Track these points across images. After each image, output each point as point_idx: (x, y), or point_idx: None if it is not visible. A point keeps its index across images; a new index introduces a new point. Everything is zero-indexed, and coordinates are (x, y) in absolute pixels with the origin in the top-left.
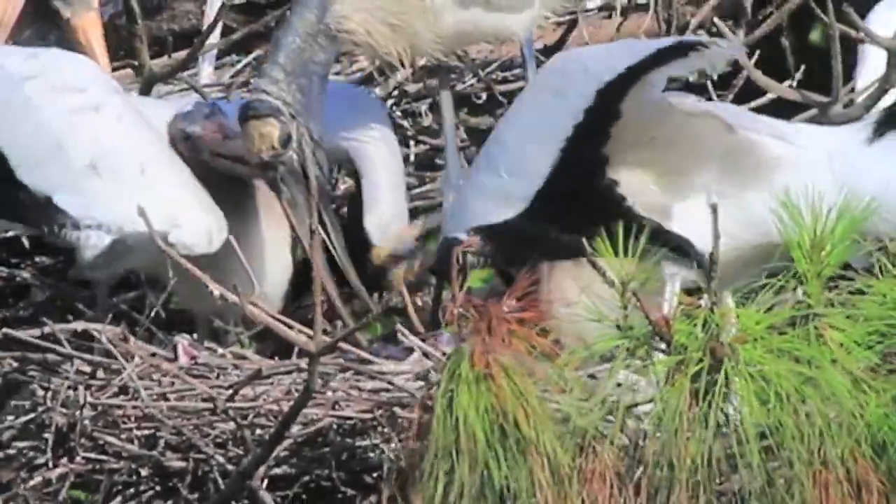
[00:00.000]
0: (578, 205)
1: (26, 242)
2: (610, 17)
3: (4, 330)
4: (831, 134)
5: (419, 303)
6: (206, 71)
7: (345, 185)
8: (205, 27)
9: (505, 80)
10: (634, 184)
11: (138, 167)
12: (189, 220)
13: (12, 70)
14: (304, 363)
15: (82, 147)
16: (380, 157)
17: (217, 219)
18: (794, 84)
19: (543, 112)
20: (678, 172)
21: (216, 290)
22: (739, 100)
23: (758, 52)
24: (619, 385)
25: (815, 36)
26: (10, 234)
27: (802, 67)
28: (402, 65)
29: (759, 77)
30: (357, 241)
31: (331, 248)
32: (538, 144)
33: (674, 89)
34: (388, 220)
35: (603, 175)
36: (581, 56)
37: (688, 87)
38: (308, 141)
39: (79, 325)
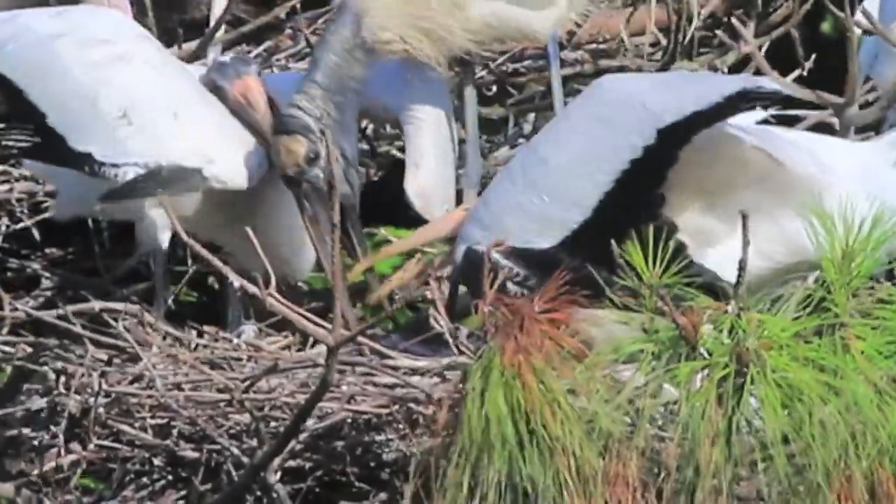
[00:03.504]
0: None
1: (36, 234)
2: (620, 7)
3: (20, 307)
4: (863, 152)
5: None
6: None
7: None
8: (213, 18)
9: (515, 72)
10: (669, 200)
11: (171, 110)
12: (224, 155)
13: (40, 30)
14: (321, 357)
15: (113, 98)
16: (427, 123)
17: (256, 155)
18: (805, 74)
19: (595, 141)
20: (716, 190)
21: (236, 280)
22: None
23: (767, 42)
24: (643, 388)
25: (826, 26)
26: (21, 226)
27: (813, 57)
28: (439, 65)
29: (775, 77)
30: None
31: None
32: (588, 174)
33: None
34: (429, 187)
35: (657, 214)
36: (636, 87)
37: None
38: (339, 159)
39: (97, 305)
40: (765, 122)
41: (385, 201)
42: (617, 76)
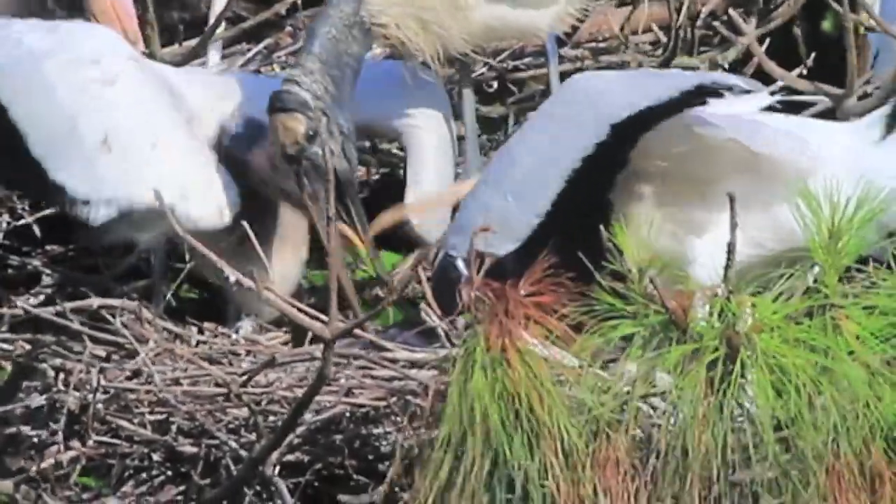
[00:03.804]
0: (578, 244)
1: (37, 231)
2: (621, 5)
3: (20, 303)
4: (847, 132)
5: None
6: (213, 59)
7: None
8: (213, 15)
9: (516, 69)
10: (657, 193)
11: (150, 140)
12: (198, 193)
13: (31, 46)
14: (318, 351)
15: (94, 123)
16: (429, 137)
17: (230, 194)
18: (806, 72)
19: (555, 138)
20: (702, 181)
21: (232, 275)
22: None
23: (768, 39)
24: (633, 373)
25: (827, 24)
26: (22, 222)
27: (813, 55)
28: (431, 61)
29: (774, 69)
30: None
31: (357, 237)
32: (546, 171)
33: None
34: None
35: (606, 212)
36: (599, 85)
37: None
38: (336, 135)
39: (95, 302)
40: (770, 109)
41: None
42: (586, 74)
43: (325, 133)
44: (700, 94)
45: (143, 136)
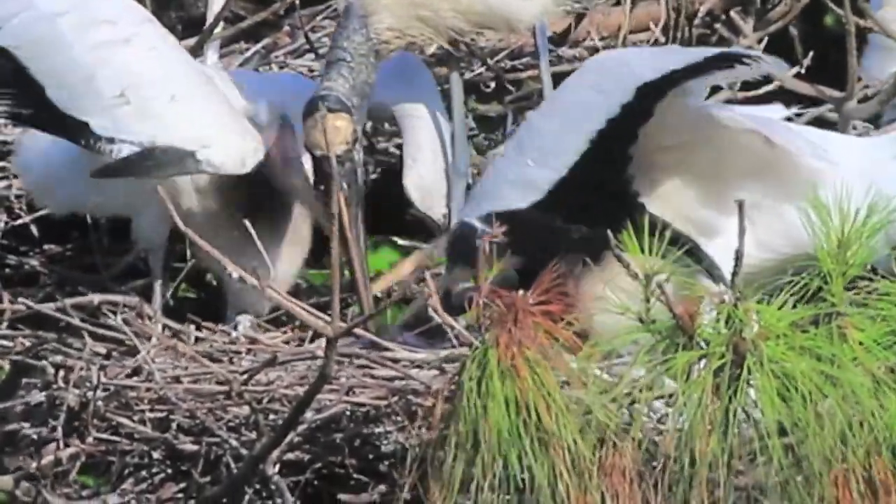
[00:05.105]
0: (600, 201)
1: (35, 230)
2: (618, 4)
3: (21, 300)
4: (864, 146)
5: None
6: (211, 59)
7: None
8: (211, 15)
9: (514, 69)
10: (669, 190)
11: (169, 93)
12: (220, 140)
13: (46, 7)
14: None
15: (113, 78)
16: (423, 119)
17: (252, 141)
18: (804, 70)
19: (580, 105)
20: (715, 180)
21: (234, 271)
22: (747, 86)
23: (766, 37)
24: (640, 380)
25: (829, 20)
26: (19, 222)
27: (811, 54)
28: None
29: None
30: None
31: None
32: (569, 134)
33: None
34: (427, 182)
35: (626, 174)
36: (626, 55)
37: None
38: (360, 147)
39: (96, 298)
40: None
41: (384, 210)
42: (612, 50)
43: (359, 143)
44: (725, 60)
45: (161, 90)
